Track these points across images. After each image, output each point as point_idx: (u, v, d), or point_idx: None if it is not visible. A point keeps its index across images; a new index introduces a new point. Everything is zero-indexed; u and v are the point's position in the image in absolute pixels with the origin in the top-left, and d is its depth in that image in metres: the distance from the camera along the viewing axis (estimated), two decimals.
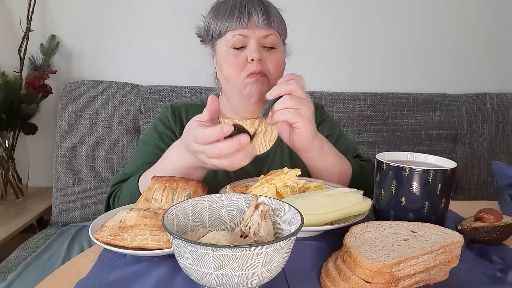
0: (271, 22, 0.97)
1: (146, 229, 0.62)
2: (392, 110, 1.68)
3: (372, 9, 1.75)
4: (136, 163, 1.03)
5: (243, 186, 0.81)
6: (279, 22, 1.00)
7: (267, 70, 0.97)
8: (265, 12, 0.96)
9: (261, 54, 0.95)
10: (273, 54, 0.98)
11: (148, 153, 1.04)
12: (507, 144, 1.71)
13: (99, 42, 1.69)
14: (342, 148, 1.04)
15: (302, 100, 0.80)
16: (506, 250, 0.69)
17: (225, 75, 0.99)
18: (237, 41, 0.96)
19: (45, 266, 1.19)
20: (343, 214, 0.70)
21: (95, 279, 0.59)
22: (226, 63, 0.98)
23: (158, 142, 1.05)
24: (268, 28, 0.96)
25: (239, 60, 0.96)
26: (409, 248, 0.56)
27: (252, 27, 0.95)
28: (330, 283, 0.56)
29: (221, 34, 0.98)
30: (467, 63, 1.83)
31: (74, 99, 1.56)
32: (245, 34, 0.96)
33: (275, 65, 0.98)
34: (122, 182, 1.00)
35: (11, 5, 1.63)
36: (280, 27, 1.01)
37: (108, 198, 1.00)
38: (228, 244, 0.48)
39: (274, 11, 1.00)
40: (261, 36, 0.96)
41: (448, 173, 0.69)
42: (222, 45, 0.99)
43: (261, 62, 0.95)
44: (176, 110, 1.10)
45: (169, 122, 1.09)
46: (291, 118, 0.79)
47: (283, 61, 1.02)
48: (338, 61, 1.78)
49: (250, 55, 0.95)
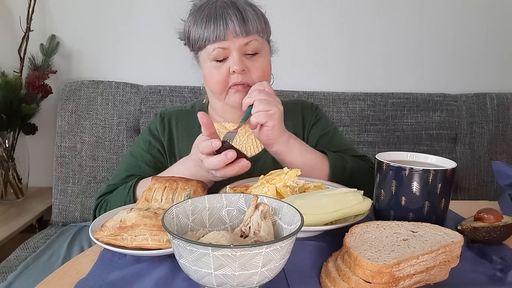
0: (249, 28, 0.93)
1: (146, 229, 0.62)
2: (392, 110, 1.68)
3: (372, 9, 1.75)
4: (119, 175, 1.03)
5: (243, 186, 0.81)
6: (259, 25, 0.95)
7: (251, 80, 0.96)
8: (241, 20, 0.93)
9: (243, 65, 0.94)
10: (256, 62, 0.97)
11: (132, 166, 1.04)
12: (507, 144, 1.71)
13: (99, 42, 1.69)
14: (336, 148, 1.04)
15: (270, 101, 0.87)
16: (506, 250, 0.69)
17: (210, 88, 1.00)
18: (217, 54, 0.94)
19: (45, 266, 1.19)
20: (343, 214, 0.70)
21: (95, 279, 0.59)
22: (210, 77, 0.97)
23: (144, 154, 1.06)
24: (247, 35, 0.94)
25: (221, 73, 0.95)
26: (409, 248, 0.56)
27: (230, 38, 0.93)
28: (330, 283, 0.56)
29: (201, 46, 0.97)
30: (467, 63, 1.83)
31: (74, 99, 1.56)
32: (225, 46, 0.93)
33: (260, 74, 0.97)
34: (107, 194, 1.01)
35: (11, 5, 1.63)
36: (261, 29, 0.96)
37: (94, 210, 1.01)
38: (228, 244, 0.48)
39: (251, 15, 0.95)
40: (242, 45, 0.94)
41: (448, 173, 0.69)
42: (205, 58, 0.98)
43: (244, 72, 0.95)
44: (165, 118, 1.10)
45: (158, 132, 1.09)
46: (262, 119, 0.87)
47: (268, 65, 1.00)
48: (338, 61, 1.78)
49: (232, 67, 0.93)
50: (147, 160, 1.04)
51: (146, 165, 1.04)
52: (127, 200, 0.93)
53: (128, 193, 0.94)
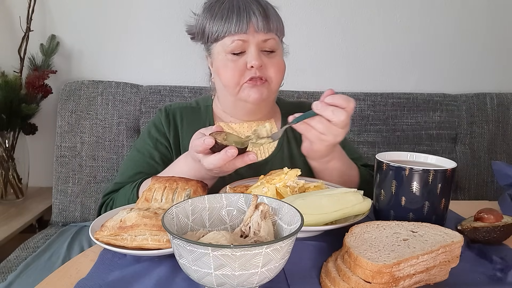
0: (270, 25, 0.94)
1: (146, 229, 0.62)
2: (392, 110, 1.68)
3: (372, 9, 1.75)
4: (127, 173, 1.01)
5: (243, 186, 0.81)
6: (278, 24, 0.97)
7: (268, 76, 0.95)
8: (264, 15, 0.93)
9: (261, 61, 0.93)
10: (273, 59, 0.96)
11: (140, 162, 1.02)
12: (507, 144, 1.71)
13: (99, 42, 1.69)
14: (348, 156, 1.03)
15: (332, 128, 0.81)
16: (506, 250, 0.69)
17: (224, 82, 0.96)
18: (236, 47, 0.93)
19: (45, 266, 1.19)
20: (343, 214, 0.70)
21: (95, 279, 0.59)
22: (225, 69, 0.95)
23: (151, 150, 1.03)
24: (267, 32, 0.93)
25: (238, 66, 0.93)
26: (409, 248, 0.56)
27: (251, 32, 0.92)
28: (330, 283, 0.56)
29: (218, 38, 0.94)
30: (467, 63, 1.83)
31: (74, 99, 1.56)
32: (244, 39, 0.92)
33: (276, 70, 0.95)
34: (114, 192, 1.00)
35: (11, 5, 1.63)
36: (279, 29, 0.98)
37: (100, 207, 1.00)
38: (228, 244, 0.48)
39: (273, 12, 0.97)
40: (261, 41, 0.93)
41: (448, 173, 0.69)
42: (219, 50, 0.95)
43: (261, 68, 0.93)
44: (170, 114, 1.08)
45: (163, 127, 1.06)
46: (312, 137, 0.83)
47: (283, 64, 0.99)
48: (338, 61, 1.78)
49: (250, 61, 0.92)
50: (155, 157, 1.02)
51: (154, 161, 1.02)
52: (131, 199, 0.92)
53: (132, 192, 0.93)
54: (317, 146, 0.86)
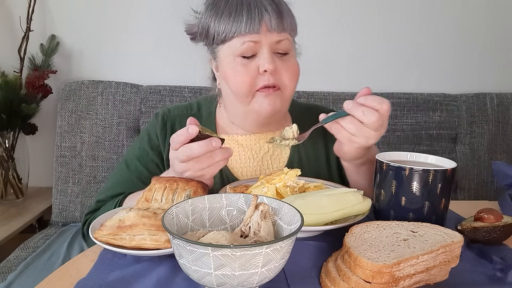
0: (284, 24, 0.84)
1: (145, 229, 0.62)
2: (392, 110, 1.65)
3: (372, 9, 1.75)
4: (109, 191, 0.94)
5: (243, 186, 0.81)
6: (292, 22, 0.87)
7: (282, 83, 0.85)
8: (278, 12, 0.83)
9: (275, 64, 0.83)
10: (287, 62, 0.87)
11: (126, 182, 0.93)
12: (507, 144, 1.71)
13: (99, 42, 1.69)
14: None
15: (364, 130, 0.77)
16: (506, 250, 0.69)
17: (234, 89, 0.86)
18: (246, 49, 0.82)
19: (45, 266, 1.19)
20: (343, 214, 0.70)
21: (95, 279, 0.59)
22: (234, 75, 0.84)
23: (140, 168, 0.94)
24: (281, 32, 0.84)
25: (250, 71, 0.83)
26: (409, 248, 0.56)
27: (263, 32, 0.82)
28: (330, 283, 0.56)
29: (226, 39, 0.84)
30: (467, 63, 1.83)
31: (74, 99, 1.56)
32: (256, 40, 0.82)
33: (291, 75, 0.86)
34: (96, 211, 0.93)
35: (11, 5, 1.63)
36: (293, 28, 0.88)
37: (82, 226, 0.95)
38: (228, 244, 0.48)
39: (286, 8, 0.86)
40: (274, 42, 0.83)
41: (448, 173, 0.69)
42: (227, 53, 0.85)
43: (275, 73, 0.84)
44: (168, 123, 0.98)
45: (158, 139, 0.97)
46: (342, 138, 0.79)
47: (298, 67, 0.90)
48: (338, 61, 1.78)
49: (263, 65, 0.82)
50: (142, 176, 0.93)
51: (140, 181, 0.92)
52: None
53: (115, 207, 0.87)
54: (347, 148, 0.81)
